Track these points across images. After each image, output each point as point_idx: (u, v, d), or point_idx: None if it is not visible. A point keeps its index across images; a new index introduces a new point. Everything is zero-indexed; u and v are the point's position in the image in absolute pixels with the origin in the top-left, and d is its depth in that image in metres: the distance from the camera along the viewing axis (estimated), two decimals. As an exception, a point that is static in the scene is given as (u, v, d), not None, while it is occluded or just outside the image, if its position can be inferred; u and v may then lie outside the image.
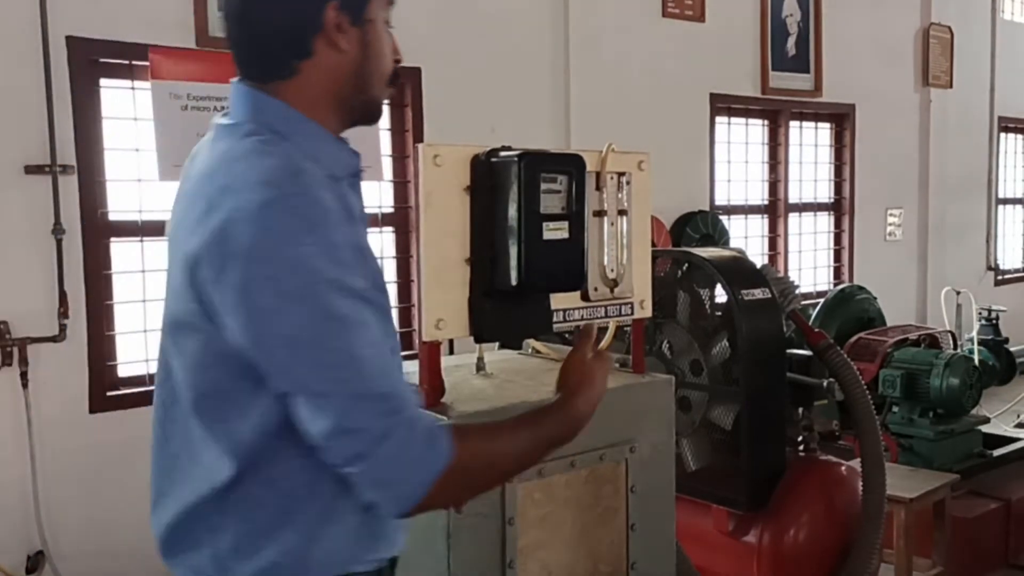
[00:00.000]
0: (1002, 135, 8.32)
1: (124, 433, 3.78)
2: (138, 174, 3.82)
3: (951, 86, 7.57)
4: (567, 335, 2.32)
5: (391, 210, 4.57)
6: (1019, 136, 8.59)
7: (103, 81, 3.77)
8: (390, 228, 4.59)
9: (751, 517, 2.42)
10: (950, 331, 4.95)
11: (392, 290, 4.62)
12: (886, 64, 7.12)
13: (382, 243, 4.57)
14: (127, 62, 3.76)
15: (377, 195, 4.53)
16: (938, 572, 3.41)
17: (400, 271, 4.59)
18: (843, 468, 2.59)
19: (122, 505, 3.77)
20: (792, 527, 2.42)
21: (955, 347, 4.69)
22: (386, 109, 4.46)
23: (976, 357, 4.76)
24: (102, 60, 3.73)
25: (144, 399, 3.79)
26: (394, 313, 4.61)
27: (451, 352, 2.41)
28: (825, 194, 6.98)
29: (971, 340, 5.51)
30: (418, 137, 4.48)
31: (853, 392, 2.43)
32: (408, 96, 4.57)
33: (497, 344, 1.95)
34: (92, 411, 3.70)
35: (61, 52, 3.58)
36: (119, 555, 3.75)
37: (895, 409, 4.00)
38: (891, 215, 7.29)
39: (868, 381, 3.72)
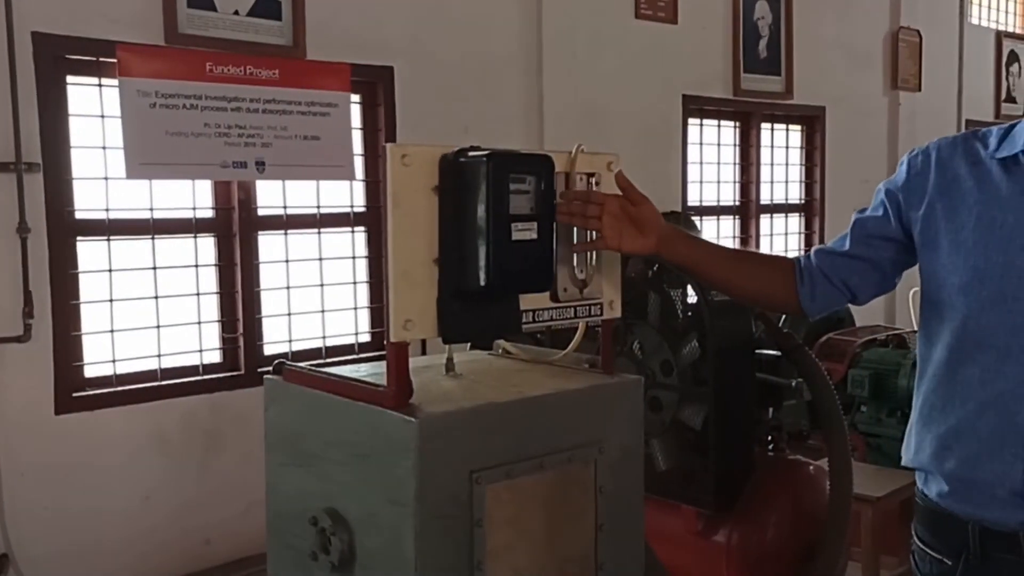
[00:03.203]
0: (969, 138, 8.42)
1: (90, 435, 3.74)
2: (105, 172, 3.77)
3: (920, 89, 7.66)
4: (538, 335, 2.32)
5: (363, 210, 4.55)
6: (986, 139, 8.71)
7: (70, 78, 3.72)
8: (362, 228, 4.58)
9: (720, 517, 2.43)
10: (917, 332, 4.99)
11: (364, 290, 4.61)
12: (856, 67, 7.19)
13: (353, 243, 4.56)
14: (94, 59, 3.72)
15: (349, 195, 4.52)
16: (905, 570, 3.45)
17: (372, 271, 4.58)
18: (811, 468, 2.61)
19: (88, 507, 3.73)
20: (761, 526, 2.43)
21: (922, 347, 4.73)
22: (357, 108, 4.48)
23: (943, 357, 4.81)
24: (69, 56, 3.69)
25: (111, 400, 3.77)
26: (366, 313, 4.64)
27: (423, 352, 2.40)
28: (796, 195, 7.04)
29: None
30: (390, 137, 4.47)
31: (821, 392, 2.44)
32: (381, 95, 4.55)
33: (468, 344, 1.95)
34: (58, 412, 3.66)
35: (26, 48, 3.53)
36: (85, 557, 3.71)
37: (863, 408, 4.03)
38: (861, 216, 7.35)
39: (837, 381, 3.75)
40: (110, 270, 3.82)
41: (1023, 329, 1.50)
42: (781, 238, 6.94)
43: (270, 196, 4.27)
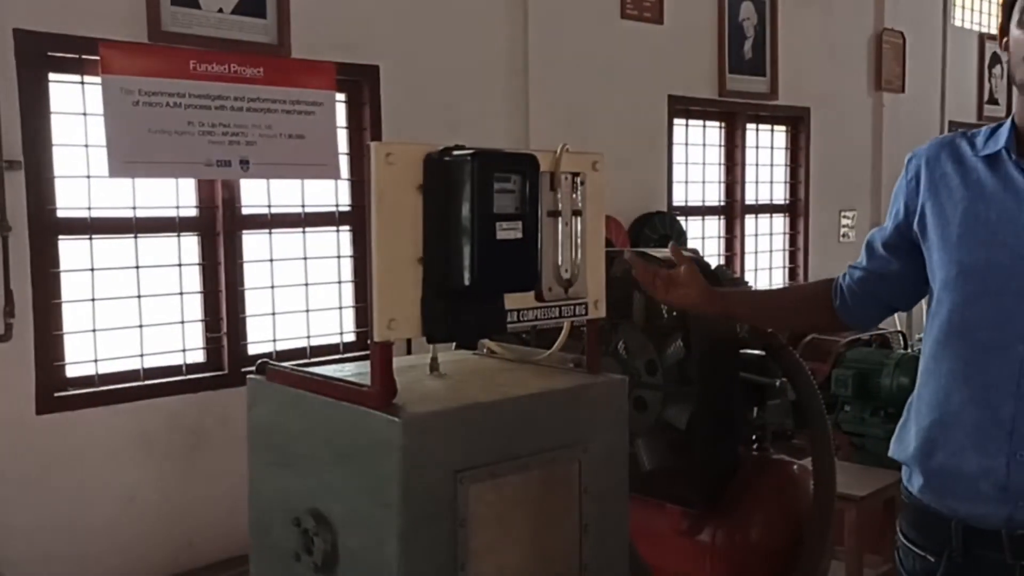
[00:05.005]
0: (952, 139, 8.48)
1: (72, 435, 3.71)
2: (87, 170, 3.75)
3: (903, 90, 7.71)
4: (523, 335, 2.32)
5: (348, 209, 4.54)
6: (969, 140, 8.77)
7: (52, 75, 3.69)
8: (347, 227, 4.57)
9: (705, 516, 2.44)
10: (900, 331, 5.05)
11: (349, 289, 4.59)
12: (840, 68, 7.23)
13: (338, 242, 4.54)
14: (77, 56, 3.69)
15: (334, 194, 4.51)
16: (888, 569, 3.47)
17: (357, 270, 4.56)
18: (795, 467, 2.62)
19: (70, 508, 3.70)
20: (745, 525, 2.43)
21: (905, 347, 4.78)
22: (342, 107, 4.47)
23: (926, 357, 4.85)
24: (51, 54, 3.66)
25: (93, 400, 3.74)
26: (351, 313, 4.62)
27: (409, 352, 2.39)
28: (781, 196, 7.07)
29: (921, 340, 5.61)
30: (376, 135, 4.46)
31: (805, 391, 2.45)
32: (366, 94, 4.54)
33: (454, 344, 1.94)
34: (39, 412, 3.63)
35: (8, 45, 3.50)
36: (67, 558, 3.68)
37: (847, 408, 4.05)
38: (845, 217, 7.40)
39: (821, 381, 3.77)
40: (92, 269, 3.79)
41: (1006, 323, 1.51)
42: (766, 238, 6.97)
43: (254, 195, 4.25)
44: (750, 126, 6.67)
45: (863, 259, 1.83)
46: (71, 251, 3.77)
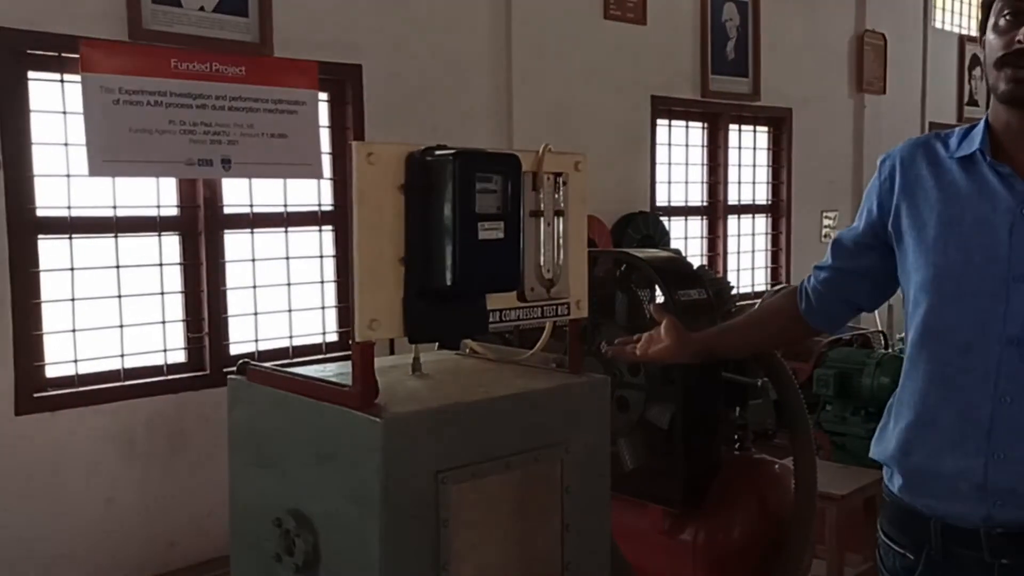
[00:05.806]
0: (933, 140, 8.55)
1: (52, 436, 3.68)
2: (67, 169, 3.72)
3: (884, 92, 7.76)
4: (506, 335, 2.32)
5: (331, 208, 4.53)
6: (949, 142, 8.84)
7: (31, 74, 3.66)
8: (330, 227, 4.55)
9: (686, 515, 2.44)
10: (882, 331, 5.09)
11: (332, 289, 4.58)
12: (822, 69, 7.27)
13: (321, 242, 4.53)
14: (56, 54, 3.66)
15: (316, 193, 4.49)
16: (869, 567, 3.49)
17: (340, 270, 4.55)
18: (776, 466, 2.63)
19: (49, 509, 3.67)
20: (727, 525, 2.44)
21: (886, 347, 4.82)
22: (325, 107, 4.45)
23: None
24: (30, 51, 3.63)
25: (73, 401, 3.71)
26: (333, 313, 4.60)
27: (392, 352, 2.39)
28: (763, 196, 7.10)
29: (902, 340, 5.65)
30: (359, 135, 4.45)
31: (786, 391, 2.47)
32: (349, 94, 4.53)
33: (436, 344, 1.94)
34: (18, 413, 3.60)
35: (-14, 42, 3.47)
36: (46, 560, 3.66)
37: (828, 407, 4.08)
38: (827, 217, 7.45)
39: (803, 380, 3.79)
40: (72, 268, 3.76)
41: (982, 324, 1.52)
42: (748, 238, 7.00)
43: (236, 194, 4.23)
44: (733, 127, 6.69)
45: (829, 258, 1.83)
46: (51, 250, 3.74)
